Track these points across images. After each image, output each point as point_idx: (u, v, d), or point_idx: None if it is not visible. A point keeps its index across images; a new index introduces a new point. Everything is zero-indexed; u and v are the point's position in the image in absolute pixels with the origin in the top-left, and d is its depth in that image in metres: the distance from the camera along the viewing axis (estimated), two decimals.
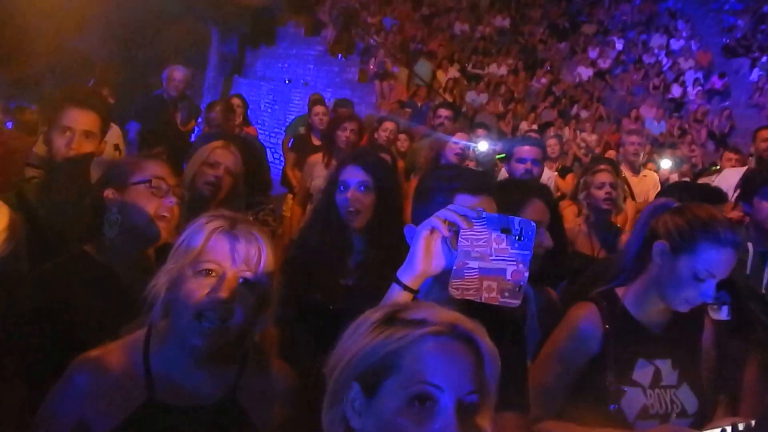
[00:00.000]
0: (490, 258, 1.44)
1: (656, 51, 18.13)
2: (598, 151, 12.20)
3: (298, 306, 2.44)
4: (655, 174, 6.94)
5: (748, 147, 7.93)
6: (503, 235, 1.44)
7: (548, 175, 6.23)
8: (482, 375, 1.21)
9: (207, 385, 1.60)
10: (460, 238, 1.46)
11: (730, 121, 15.54)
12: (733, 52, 18.53)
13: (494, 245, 1.44)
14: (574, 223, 4.06)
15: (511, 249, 1.44)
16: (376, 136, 6.12)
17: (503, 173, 5.18)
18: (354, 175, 2.57)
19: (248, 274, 1.57)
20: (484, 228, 1.45)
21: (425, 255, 1.51)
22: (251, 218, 2.96)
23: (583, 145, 13.35)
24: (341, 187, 2.58)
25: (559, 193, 5.76)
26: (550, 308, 2.66)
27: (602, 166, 4.00)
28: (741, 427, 1.51)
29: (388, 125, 6.20)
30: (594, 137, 13.87)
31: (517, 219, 1.46)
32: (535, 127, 13.30)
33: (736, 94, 17.01)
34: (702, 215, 1.98)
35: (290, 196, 6.24)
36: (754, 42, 18.43)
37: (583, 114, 15.00)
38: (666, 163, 10.27)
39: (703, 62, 17.84)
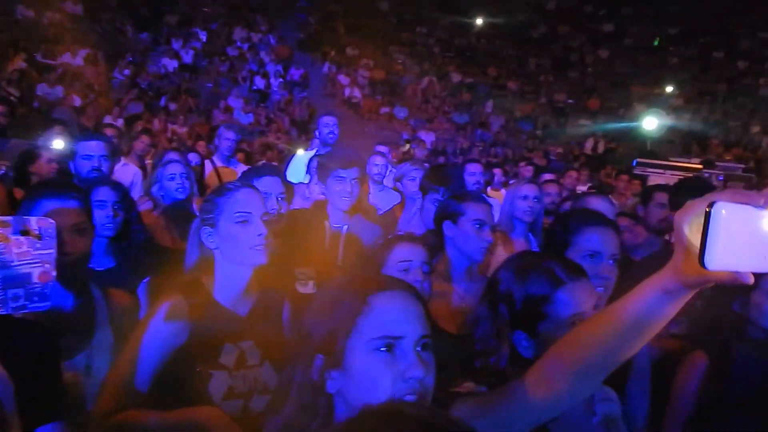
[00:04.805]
0: (13, 264, 1.38)
1: (239, 44, 19.71)
2: (190, 142, 12.92)
3: None
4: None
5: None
6: (23, 238, 1.40)
7: (133, 171, 6.58)
8: None
9: None
10: None
11: (310, 109, 17.88)
12: (307, 46, 21.31)
13: (15, 249, 1.39)
14: (150, 218, 4.11)
15: (34, 251, 1.40)
16: None
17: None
18: None
19: None
20: (1, 233, 1.38)
21: None
22: None
23: (174, 137, 13.99)
24: None
25: None
26: None
27: (171, 156, 4.42)
28: None
29: None
30: (185, 129, 14.65)
31: (34, 218, 1.43)
32: (120, 121, 13.46)
33: (313, 84, 19.61)
34: None
35: None
36: (324, 37, 21.43)
37: (172, 106, 15.62)
38: None
39: (283, 55, 20.05)
